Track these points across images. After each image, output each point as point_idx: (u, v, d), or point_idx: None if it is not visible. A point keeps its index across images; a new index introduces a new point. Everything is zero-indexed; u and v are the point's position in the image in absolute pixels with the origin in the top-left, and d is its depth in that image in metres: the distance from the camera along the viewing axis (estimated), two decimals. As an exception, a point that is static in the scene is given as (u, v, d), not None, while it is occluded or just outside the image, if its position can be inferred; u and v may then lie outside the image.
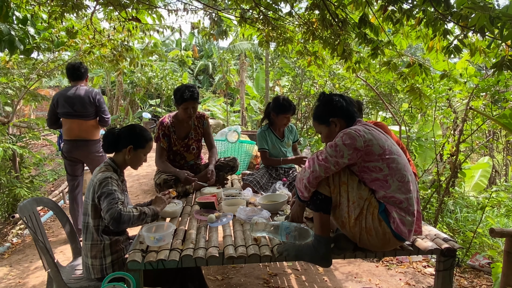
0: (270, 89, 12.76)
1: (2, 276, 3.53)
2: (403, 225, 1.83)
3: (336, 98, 2.09)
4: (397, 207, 1.84)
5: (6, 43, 2.95)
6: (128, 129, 2.32)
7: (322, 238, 1.89)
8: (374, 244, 1.88)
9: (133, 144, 2.28)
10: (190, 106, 3.09)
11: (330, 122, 2.06)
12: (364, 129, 1.91)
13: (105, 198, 2.05)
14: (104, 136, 2.35)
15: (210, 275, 3.23)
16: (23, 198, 5.07)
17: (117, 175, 2.25)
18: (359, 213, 1.82)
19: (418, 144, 5.66)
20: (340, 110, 2.05)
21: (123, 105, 15.67)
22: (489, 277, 3.27)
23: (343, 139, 1.85)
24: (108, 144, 2.31)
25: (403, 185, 1.87)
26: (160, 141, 3.18)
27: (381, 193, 1.85)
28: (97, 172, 2.21)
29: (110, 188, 2.08)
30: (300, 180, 1.89)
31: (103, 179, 2.11)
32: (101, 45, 4.87)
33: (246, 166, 4.68)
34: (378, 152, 1.86)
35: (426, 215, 4.41)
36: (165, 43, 23.22)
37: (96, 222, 2.16)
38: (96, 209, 2.15)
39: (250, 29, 4.21)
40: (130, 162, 2.33)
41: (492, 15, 1.89)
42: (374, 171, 1.86)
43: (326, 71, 7.49)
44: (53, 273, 2.15)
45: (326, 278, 3.25)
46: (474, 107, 4.23)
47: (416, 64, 3.17)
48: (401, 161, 1.91)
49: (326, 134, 2.10)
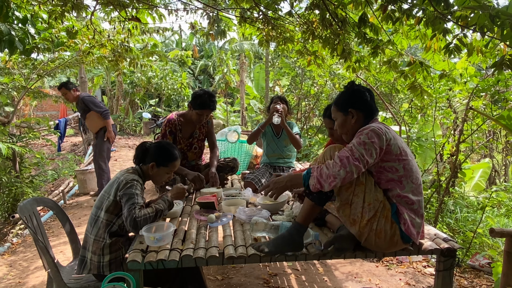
0: (270, 89, 12.75)
1: (2, 276, 3.53)
2: (413, 227, 1.84)
3: (363, 90, 2.05)
4: (409, 209, 1.84)
5: (6, 43, 2.95)
6: (156, 146, 2.41)
7: (302, 227, 1.88)
8: (380, 246, 1.87)
9: (156, 161, 2.34)
10: (205, 114, 3.16)
11: (348, 111, 2.03)
12: (384, 127, 1.89)
13: (127, 201, 2.11)
14: (137, 147, 2.47)
15: (210, 275, 3.23)
16: (25, 197, 5.08)
17: (142, 181, 2.32)
18: (373, 215, 1.81)
19: (418, 144, 5.66)
20: (363, 103, 2.02)
21: (123, 105, 15.67)
22: (489, 277, 3.27)
23: (369, 136, 1.79)
24: (137, 156, 2.42)
25: (416, 187, 1.88)
26: (166, 137, 3.21)
27: (395, 192, 1.84)
28: (124, 172, 2.28)
29: (133, 192, 2.14)
30: (329, 176, 1.74)
31: (129, 180, 2.18)
32: (100, 46, 4.87)
33: (246, 166, 4.68)
34: (396, 152, 1.85)
35: (426, 215, 4.40)
36: (165, 43, 23.22)
37: (111, 218, 2.20)
38: (115, 206, 2.19)
39: (250, 28, 4.22)
40: (153, 178, 2.40)
41: (492, 13, 1.90)
42: (390, 172, 1.85)
43: (326, 71, 7.49)
44: (53, 273, 2.15)
45: (326, 278, 3.25)
46: (474, 107, 4.23)
47: (417, 62, 3.17)
48: (414, 164, 1.91)
49: (341, 122, 2.07)
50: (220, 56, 14.60)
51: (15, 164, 5.44)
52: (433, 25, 2.36)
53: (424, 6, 2.39)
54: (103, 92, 18.08)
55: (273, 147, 3.71)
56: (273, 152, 3.71)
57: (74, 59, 6.16)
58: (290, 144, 3.69)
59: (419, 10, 2.50)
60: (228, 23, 4.89)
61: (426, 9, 2.40)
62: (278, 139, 3.69)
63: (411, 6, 2.52)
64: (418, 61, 3.19)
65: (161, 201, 2.28)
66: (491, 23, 1.93)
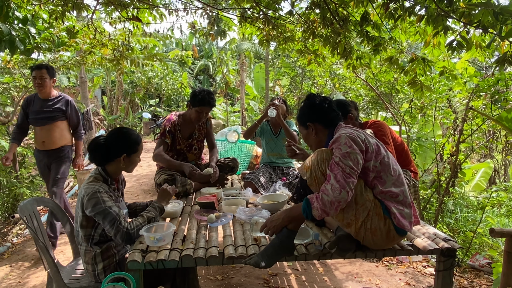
0: (270, 89, 12.76)
1: (3, 276, 3.53)
2: (404, 218, 1.85)
3: (318, 101, 2.10)
4: (395, 202, 1.86)
5: (6, 43, 2.96)
6: (116, 137, 2.20)
7: (293, 233, 1.87)
8: (378, 243, 1.88)
9: (126, 152, 2.19)
10: (204, 111, 3.16)
11: (307, 125, 2.10)
12: (353, 130, 1.94)
13: (104, 219, 2.02)
14: (91, 149, 2.22)
15: (210, 275, 3.23)
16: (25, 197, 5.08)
17: (107, 184, 2.18)
18: (367, 215, 1.82)
19: (418, 144, 5.66)
20: (319, 114, 2.07)
21: (123, 105, 15.68)
22: (489, 277, 3.27)
23: (349, 145, 1.81)
24: (101, 157, 2.19)
25: (396, 178, 1.90)
26: (165, 136, 3.20)
27: (378, 189, 1.86)
28: (85, 183, 2.14)
29: (103, 207, 2.01)
30: (332, 203, 1.72)
31: (92, 195, 2.03)
32: (102, 45, 4.88)
33: (246, 166, 4.68)
34: (372, 150, 1.88)
35: (426, 215, 4.41)
36: (165, 43, 23.22)
37: (88, 232, 2.13)
38: (88, 220, 2.10)
39: (251, 28, 4.22)
40: (126, 168, 2.26)
41: (497, 10, 1.91)
42: (372, 171, 1.87)
43: (326, 70, 7.49)
44: (53, 273, 2.15)
45: (326, 278, 3.25)
46: (474, 107, 4.23)
47: (419, 58, 3.17)
48: (389, 155, 1.95)
49: (304, 136, 2.17)
50: (220, 56, 14.61)
51: (15, 164, 5.44)
52: (435, 23, 2.37)
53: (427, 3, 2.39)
54: (103, 92, 18.09)
55: (271, 146, 3.74)
56: (271, 150, 3.74)
57: (75, 59, 6.17)
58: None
59: (422, 8, 2.50)
60: (228, 23, 4.90)
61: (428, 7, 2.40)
62: (277, 137, 3.71)
63: (413, 4, 2.52)
64: (420, 57, 3.20)
65: (151, 209, 2.25)
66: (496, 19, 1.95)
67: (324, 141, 2.07)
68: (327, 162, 1.84)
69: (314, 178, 1.86)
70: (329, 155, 1.86)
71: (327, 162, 1.84)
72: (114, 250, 2.19)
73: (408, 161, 2.84)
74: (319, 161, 1.86)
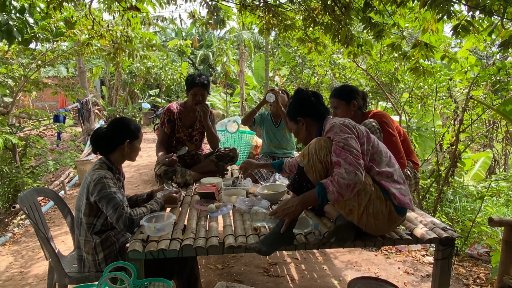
0: (270, 79, 12.69)
1: (7, 265, 3.56)
2: (404, 196, 1.89)
3: (307, 96, 2.13)
4: (391, 181, 1.89)
5: (4, 33, 2.93)
6: (117, 126, 2.27)
7: (293, 222, 1.90)
8: (381, 228, 1.90)
9: (129, 137, 2.26)
10: (199, 93, 3.15)
11: (298, 120, 2.13)
12: (343, 119, 1.98)
13: (108, 204, 2.05)
14: (94, 140, 2.26)
15: (211, 264, 3.26)
16: (25, 187, 5.09)
17: (112, 172, 2.23)
18: (368, 199, 1.84)
19: (418, 134, 5.66)
20: (308, 109, 2.10)
21: (123, 96, 15.62)
22: (487, 265, 3.29)
23: (345, 131, 1.86)
24: (105, 147, 2.24)
25: (388, 159, 1.96)
26: (164, 126, 3.21)
27: (374, 170, 1.89)
28: (91, 170, 2.18)
29: (109, 192, 2.06)
30: (349, 186, 1.74)
31: (98, 180, 2.07)
32: (100, 36, 4.84)
33: (246, 156, 4.68)
34: (362, 135, 1.92)
35: (425, 205, 4.43)
36: (165, 33, 23.05)
37: (90, 221, 2.16)
38: (91, 208, 2.13)
39: (251, 16, 4.18)
40: (129, 156, 2.32)
41: None
42: (366, 154, 1.90)
43: (326, 60, 7.45)
44: (54, 263, 2.17)
45: (326, 266, 3.28)
46: (475, 97, 4.22)
47: (422, 43, 3.15)
48: (376, 139, 2.00)
49: (295, 131, 2.19)
50: (220, 46, 14.50)
51: (15, 155, 5.45)
52: (438, 7, 2.35)
53: None
54: (102, 83, 18.01)
55: (270, 137, 3.74)
56: (271, 141, 3.74)
57: (73, 49, 6.13)
58: (288, 133, 3.70)
59: None
60: (227, 11, 4.85)
61: None
62: (277, 128, 3.71)
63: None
64: (423, 42, 3.18)
65: (154, 203, 2.27)
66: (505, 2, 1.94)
67: (314, 135, 2.09)
68: (325, 150, 1.86)
69: (311, 166, 1.87)
70: (327, 143, 1.87)
71: (325, 150, 1.86)
72: (114, 238, 2.21)
73: (409, 152, 2.84)
74: (316, 149, 1.87)
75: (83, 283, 2.13)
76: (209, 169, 3.27)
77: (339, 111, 2.66)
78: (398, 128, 2.68)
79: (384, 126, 2.51)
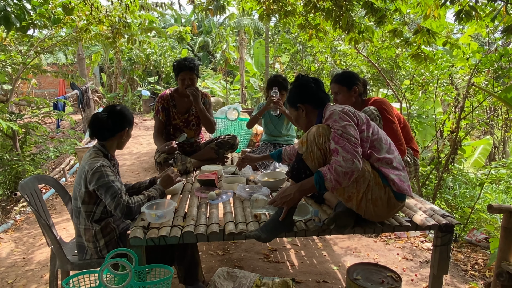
0: (270, 66, 12.61)
1: (9, 252, 3.59)
2: (403, 182, 1.90)
3: (307, 82, 2.12)
4: (391, 168, 1.90)
5: (2, 19, 2.90)
6: (118, 112, 2.25)
7: (292, 208, 1.91)
8: (380, 214, 1.92)
9: (130, 125, 2.30)
10: (187, 77, 3.11)
11: (298, 107, 2.12)
12: (342, 106, 1.98)
13: (106, 192, 2.05)
14: (95, 124, 2.23)
15: (212, 251, 3.29)
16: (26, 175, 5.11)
17: (108, 160, 2.23)
18: (367, 186, 1.85)
19: (419, 121, 5.64)
20: (309, 95, 2.10)
21: (122, 83, 15.54)
22: (485, 251, 3.32)
23: (344, 118, 1.86)
24: (106, 131, 2.22)
25: (388, 147, 1.97)
26: (159, 114, 3.20)
27: (374, 157, 1.89)
28: (87, 159, 2.16)
29: (107, 180, 2.06)
30: (346, 173, 1.74)
31: (96, 169, 2.07)
32: (98, 22, 4.78)
33: (246, 144, 4.69)
34: (362, 122, 1.92)
35: (425, 192, 4.44)
36: (164, 19, 22.81)
37: (89, 208, 2.16)
38: (90, 196, 2.14)
39: (251, 2, 4.13)
40: (122, 143, 2.33)
41: None
42: (366, 141, 1.90)
43: (327, 46, 7.38)
44: (56, 250, 2.19)
45: (325, 253, 3.31)
46: (476, 84, 4.19)
47: (424, 29, 3.12)
48: (375, 126, 2.00)
49: (295, 118, 2.19)
50: (220, 32, 14.37)
51: (15, 142, 5.45)
52: None
53: None
54: (101, 70, 17.90)
55: (270, 128, 3.69)
56: (270, 132, 3.71)
57: (71, 36, 6.07)
58: (289, 123, 3.68)
59: None
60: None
61: None
62: (278, 119, 3.66)
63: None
64: (425, 28, 3.15)
65: (153, 190, 2.27)
66: None
67: (314, 121, 2.09)
68: (324, 137, 1.86)
69: (310, 153, 1.88)
70: (325, 130, 1.87)
71: (323, 137, 1.86)
72: (113, 225, 2.22)
73: (408, 139, 2.84)
74: (315, 136, 1.87)
75: (85, 269, 2.15)
76: (209, 156, 3.27)
77: (339, 97, 2.64)
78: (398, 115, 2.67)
79: (383, 113, 2.50)
